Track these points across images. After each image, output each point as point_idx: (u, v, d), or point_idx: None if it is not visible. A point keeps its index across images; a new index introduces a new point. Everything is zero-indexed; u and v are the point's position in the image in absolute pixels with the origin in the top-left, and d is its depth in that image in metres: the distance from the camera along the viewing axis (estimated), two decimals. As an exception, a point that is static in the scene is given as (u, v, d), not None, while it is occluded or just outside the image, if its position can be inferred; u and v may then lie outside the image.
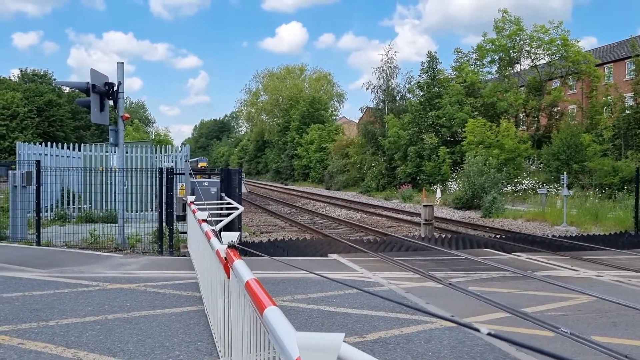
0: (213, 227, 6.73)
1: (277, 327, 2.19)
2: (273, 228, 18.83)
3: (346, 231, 17.90)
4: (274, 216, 22.94)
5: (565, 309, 7.26)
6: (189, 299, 7.57)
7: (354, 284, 8.74)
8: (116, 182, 13.73)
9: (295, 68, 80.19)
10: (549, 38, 37.81)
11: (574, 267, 10.43)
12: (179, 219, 12.49)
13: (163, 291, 8.06)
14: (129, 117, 12.98)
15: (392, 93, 45.09)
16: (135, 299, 7.56)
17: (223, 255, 4.53)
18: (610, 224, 17.82)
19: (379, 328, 6.29)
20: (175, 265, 10.46)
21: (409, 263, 10.58)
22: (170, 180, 11.78)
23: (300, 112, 66.53)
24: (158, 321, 6.46)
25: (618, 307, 7.36)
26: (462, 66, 40.02)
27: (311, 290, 8.16)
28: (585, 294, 8.07)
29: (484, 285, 8.68)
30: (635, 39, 33.94)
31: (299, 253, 12.18)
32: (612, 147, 30.65)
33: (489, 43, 39.27)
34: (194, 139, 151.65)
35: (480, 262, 10.84)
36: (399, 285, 8.60)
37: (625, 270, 10.13)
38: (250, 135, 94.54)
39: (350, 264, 10.64)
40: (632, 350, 5.55)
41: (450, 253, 12.07)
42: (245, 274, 3.37)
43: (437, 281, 9.02)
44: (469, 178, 26.74)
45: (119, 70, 11.90)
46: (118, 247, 12.10)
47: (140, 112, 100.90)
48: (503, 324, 6.53)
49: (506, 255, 11.74)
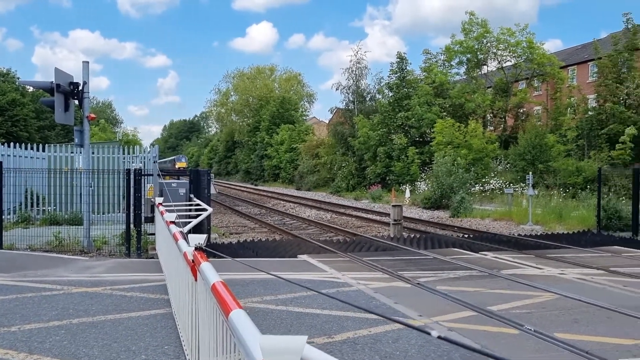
0: (181, 229, 6.67)
1: (241, 330, 2.18)
2: (243, 229, 18.74)
3: (316, 232, 17.92)
4: (244, 217, 22.83)
5: (530, 307, 7.41)
6: (157, 302, 7.48)
7: (323, 284, 8.77)
8: (82, 184, 13.48)
9: (266, 68, 79.96)
10: (515, 40, 38.56)
11: (539, 265, 10.66)
12: (147, 220, 12.34)
13: (130, 294, 7.95)
14: (95, 118, 12.75)
15: (361, 94, 45.30)
16: (100, 302, 7.44)
17: (190, 258, 4.49)
18: (574, 222, 18.26)
19: (347, 328, 6.32)
20: (143, 267, 10.32)
21: (378, 263, 10.65)
22: (138, 181, 11.62)
23: (271, 112, 66.37)
24: (124, 325, 6.36)
25: (580, 304, 7.55)
26: (431, 67, 40.52)
27: (280, 291, 8.14)
28: (549, 292, 8.25)
29: (451, 285, 8.80)
30: (598, 42, 34.85)
31: (268, 254, 12.15)
32: (575, 147, 31.40)
33: (456, 45, 39.84)
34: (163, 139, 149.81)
35: (448, 262, 10.98)
36: (368, 286, 8.65)
37: (588, 267, 10.39)
38: (220, 135, 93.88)
39: (320, 264, 10.66)
40: (593, 346, 5.70)
41: (418, 253, 12.20)
42: (212, 276, 3.35)
43: (406, 281, 9.10)
44: (438, 178, 27.06)
45: (84, 70, 11.68)
46: (84, 249, 11.88)
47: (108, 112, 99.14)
48: (469, 323, 6.63)
49: (474, 255, 11.92)
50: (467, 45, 39.15)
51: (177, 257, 6.06)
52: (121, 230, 12.69)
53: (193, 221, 7.90)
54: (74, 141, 12.87)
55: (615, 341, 5.95)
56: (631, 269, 10.16)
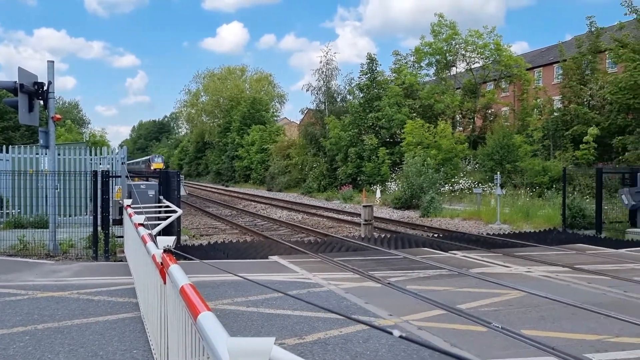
0: (150, 231, 6.59)
1: (209, 332, 2.17)
2: (213, 231, 18.60)
3: (287, 233, 17.90)
4: (215, 218, 22.66)
5: (498, 305, 7.54)
6: (125, 306, 7.37)
7: (294, 285, 8.77)
8: (47, 186, 13.19)
9: (237, 69, 79.57)
10: (482, 43, 39.17)
11: (506, 263, 10.85)
12: (115, 223, 12.13)
13: (97, 298, 7.82)
14: (61, 118, 12.49)
15: (332, 95, 45.42)
16: (67, 307, 7.29)
17: (159, 260, 4.44)
18: (540, 221, 18.64)
19: (318, 329, 6.33)
20: (110, 270, 10.15)
21: (348, 263, 10.70)
22: (106, 183, 11.43)
23: (241, 113, 66.01)
24: (91, 329, 6.25)
25: (546, 301, 7.71)
26: (401, 68, 40.87)
27: (252, 293, 8.11)
28: (516, 290, 8.41)
29: (421, 284, 8.89)
30: (563, 44, 35.66)
31: (239, 255, 12.08)
32: (541, 147, 32.06)
33: (426, 46, 40.29)
34: (132, 140, 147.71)
35: (418, 261, 11.09)
36: (339, 286, 8.68)
37: (554, 265, 10.62)
38: (190, 136, 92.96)
39: (291, 265, 10.65)
40: (559, 342, 5.83)
41: (389, 253, 12.29)
42: (181, 278, 3.32)
43: (376, 281, 9.16)
44: (408, 178, 27.30)
45: (49, 70, 11.44)
46: (49, 253, 11.62)
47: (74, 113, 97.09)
48: (439, 321, 6.72)
49: (443, 254, 12.07)
50: (436, 47, 39.64)
51: (145, 260, 5.98)
52: (88, 233, 12.46)
53: (162, 223, 7.81)
54: (39, 142, 12.58)
55: (579, 337, 6.10)
56: (595, 267, 10.42)
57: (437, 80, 41.58)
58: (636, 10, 28.65)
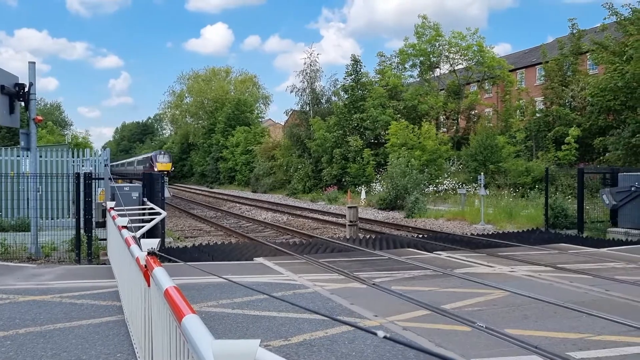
0: (134, 234, 6.55)
1: (194, 335, 2.16)
2: (198, 232, 18.51)
3: (272, 234, 17.87)
4: (199, 220, 22.55)
5: (482, 304, 7.60)
6: (109, 309, 7.31)
7: (280, 287, 8.76)
8: (28, 189, 13.02)
9: (221, 70, 79.25)
10: (466, 44, 39.46)
11: (490, 263, 10.94)
12: (99, 225, 12.02)
13: (80, 302, 7.73)
14: (42, 120, 12.35)
15: (316, 96, 45.45)
16: (49, 311, 7.21)
17: (143, 263, 4.41)
18: (523, 221, 18.83)
19: (303, 330, 6.33)
20: (94, 273, 10.06)
21: (334, 264, 10.71)
22: (89, 185, 11.32)
23: (226, 114, 65.76)
24: (74, 333, 6.19)
25: (529, 300, 7.79)
26: (385, 70, 41.03)
27: (237, 295, 8.08)
28: (499, 289, 8.48)
29: (406, 285, 8.93)
30: (545, 46, 36.06)
31: (224, 257, 12.03)
32: (524, 148, 32.38)
33: (410, 48, 40.49)
34: (116, 142, 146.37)
35: (403, 262, 11.14)
36: (324, 287, 8.68)
37: (536, 265, 10.72)
38: (174, 137, 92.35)
39: (276, 267, 10.64)
40: (542, 341, 5.90)
41: (374, 253, 12.32)
42: (165, 281, 3.30)
43: (362, 282, 9.18)
44: (392, 179, 27.41)
45: (30, 71, 11.30)
46: (31, 256, 11.48)
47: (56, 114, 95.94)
48: (423, 321, 6.75)
49: (428, 254, 12.13)
50: (420, 49, 39.85)
51: (129, 262, 5.94)
52: (71, 236, 12.34)
53: (146, 225, 7.75)
54: (20, 144, 12.42)
55: (562, 335, 6.17)
56: (577, 266, 10.55)
57: (421, 82, 41.80)
58: (616, 12, 29.09)
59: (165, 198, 12.34)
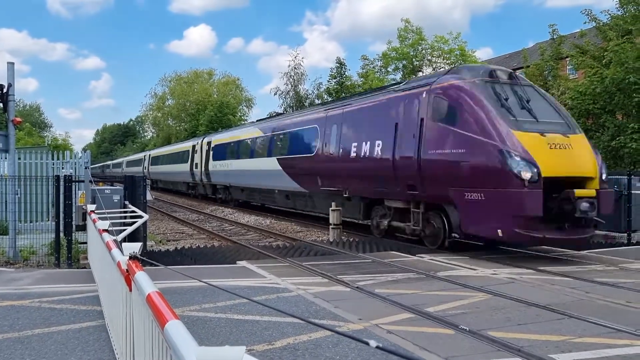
0: (115, 237, 6.45)
1: (177, 341, 2.12)
2: (180, 236, 18.34)
3: (255, 237, 17.77)
4: (182, 223, 22.36)
5: (465, 307, 7.63)
6: (89, 314, 7.20)
7: (263, 290, 8.70)
8: (6, 191, 12.80)
9: (204, 72, 78.75)
10: (448, 48, 39.80)
11: (473, 266, 10.99)
12: (79, 228, 11.85)
13: (60, 306, 7.60)
14: (21, 122, 12.15)
15: (300, 99, 45.45)
16: (27, 316, 7.07)
17: (124, 267, 4.35)
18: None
19: (287, 334, 6.29)
20: (73, 278, 9.90)
21: (317, 268, 10.68)
22: (69, 188, 11.15)
23: (208, 117, 65.38)
24: (53, 339, 6.08)
25: (511, 303, 7.84)
26: (368, 73, 41.19)
27: (220, 299, 8.01)
28: (482, 292, 8.53)
29: (390, 287, 8.93)
30: (526, 51, 36.44)
31: (207, 261, 11.94)
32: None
33: (393, 51, 40.69)
34: (96, 144, 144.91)
35: (386, 265, 11.15)
36: (308, 290, 8.65)
37: (518, 267, 10.81)
38: (156, 140, 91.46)
39: (259, 270, 10.57)
40: (525, 343, 5.93)
41: (358, 256, 12.32)
42: (147, 286, 3.25)
43: (345, 285, 9.17)
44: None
45: (9, 71, 11.12)
46: (9, 260, 11.28)
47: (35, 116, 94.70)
48: (407, 325, 6.75)
49: (411, 257, 12.15)
50: (402, 52, 40.08)
51: (110, 266, 5.86)
52: (50, 240, 12.16)
53: (128, 229, 7.65)
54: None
55: (544, 338, 6.21)
56: (557, 268, 10.65)
57: (404, 85, 41.97)
58: (595, 18, 29.54)
59: (147, 201, 12.20)
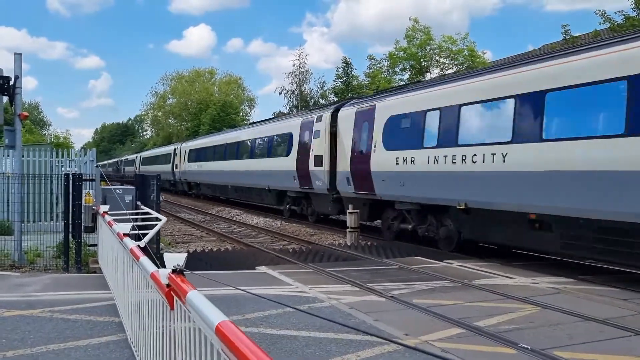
0: (138, 243, 5.81)
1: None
2: (189, 238, 17.67)
3: (267, 240, 17.11)
4: (189, 225, 21.68)
5: (517, 322, 6.97)
6: (107, 326, 6.52)
7: (291, 299, 8.04)
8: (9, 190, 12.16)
9: (205, 71, 78.00)
10: (457, 49, 39.14)
11: (507, 274, 10.32)
12: (87, 230, 11.18)
13: (73, 317, 6.93)
14: (27, 116, 11.46)
15: (305, 98, 44.80)
16: (40, 329, 6.40)
17: (164, 282, 3.69)
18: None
19: (332, 353, 5.63)
20: (85, 283, 9.23)
21: (343, 274, 10.02)
22: (79, 187, 10.47)
23: (211, 116, 64.65)
24: (72, 357, 5.42)
25: (566, 316, 7.19)
26: (375, 73, 40.52)
27: (246, 309, 7.35)
28: (529, 303, 7.88)
29: (427, 297, 8.28)
30: (536, 52, 35.86)
31: (223, 266, 11.26)
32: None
33: (400, 51, 40.02)
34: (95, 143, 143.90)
35: (415, 271, 10.50)
36: (340, 300, 8.00)
37: (557, 276, 10.15)
38: (156, 139, 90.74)
39: (282, 276, 9.91)
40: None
41: (383, 262, 11.66)
42: (213, 314, 2.61)
43: (378, 294, 8.51)
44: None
45: (16, 62, 10.42)
46: (14, 264, 10.59)
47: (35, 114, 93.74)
48: (460, 342, 6.10)
49: (439, 263, 11.49)
50: (410, 52, 39.40)
51: (135, 275, 5.23)
52: (57, 241, 11.48)
53: (150, 232, 7.01)
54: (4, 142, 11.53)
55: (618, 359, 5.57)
56: (597, 277, 10.01)
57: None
58: (609, 19, 28.95)
59: (160, 201, 11.54)
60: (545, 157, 10.17)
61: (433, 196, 13.22)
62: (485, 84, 12.04)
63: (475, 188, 11.75)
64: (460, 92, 12.70)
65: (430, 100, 13.66)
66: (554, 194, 9.93)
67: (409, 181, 13.94)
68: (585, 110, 9.80)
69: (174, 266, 3.54)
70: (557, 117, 10.37)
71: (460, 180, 12.16)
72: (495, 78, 11.84)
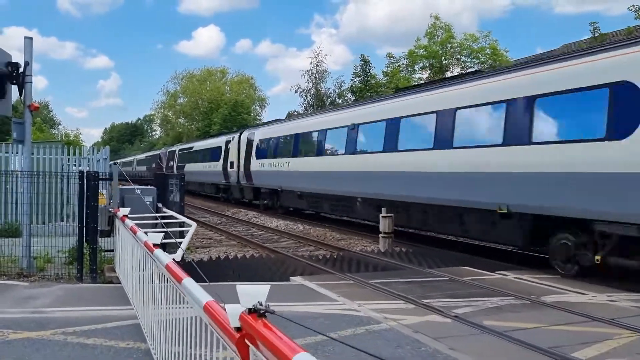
0: (173, 257, 4.72)
1: None
2: (209, 242, 16.55)
3: (291, 245, 15.99)
4: (205, 227, 20.54)
5: (621, 352, 5.81)
6: (132, 354, 5.42)
7: (343, 320, 6.92)
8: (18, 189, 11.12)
9: (217, 70, 77.05)
10: (479, 47, 37.91)
11: (576, 288, 9.15)
12: (103, 234, 10.09)
13: (91, 342, 5.83)
14: (39, 108, 10.40)
15: (321, 97, 43.70)
16: (51, 357, 5.30)
17: (235, 325, 2.58)
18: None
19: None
20: (101, 296, 8.14)
21: (390, 287, 8.88)
22: (95, 187, 9.39)
23: (222, 115, 63.66)
24: (92, 402, 4.31)
25: (676, 346, 6.02)
26: (394, 72, 39.34)
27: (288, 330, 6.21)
28: (621, 327, 6.71)
29: (497, 318, 7.13)
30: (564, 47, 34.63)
31: (252, 275, 10.16)
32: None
33: (420, 49, 38.82)
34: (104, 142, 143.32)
35: (469, 284, 9.35)
36: (400, 322, 6.85)
37: (628, 291, 8.96)
38: (166, 139, 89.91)
39: (322, 290, 8.79)
40: None
41: (428, 273, 10.51)
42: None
43: (440, 313, 7.36)
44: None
45: (26, 48, 9.38)
46: (22, 272, 9.52)
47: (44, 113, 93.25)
48: (567, 381, 4.95)
49: (493, 275, 10.32)
50: (431, 50, 38.20)
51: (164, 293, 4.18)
52: (69, 246, 10.43)
53: (184, 240, 5.93)
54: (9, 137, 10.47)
55: None
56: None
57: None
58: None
59: (184, 204, 10.45)
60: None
61: (275, 185, 23.83)
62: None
63: (285, 178, 22.61)
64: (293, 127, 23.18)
65: (282, 131, 24.55)
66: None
67: (265, 176, 25.00)
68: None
69: (255, 305, 2.43)
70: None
71: (279, 175, 23.34)
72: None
